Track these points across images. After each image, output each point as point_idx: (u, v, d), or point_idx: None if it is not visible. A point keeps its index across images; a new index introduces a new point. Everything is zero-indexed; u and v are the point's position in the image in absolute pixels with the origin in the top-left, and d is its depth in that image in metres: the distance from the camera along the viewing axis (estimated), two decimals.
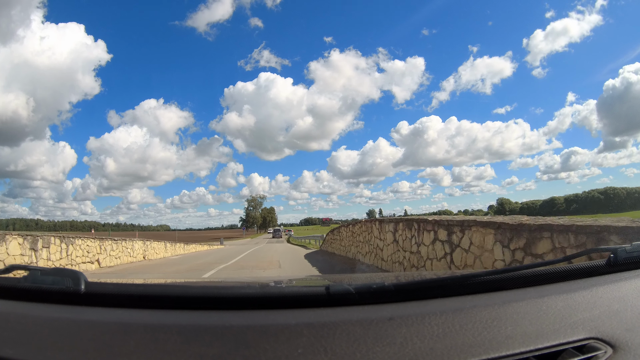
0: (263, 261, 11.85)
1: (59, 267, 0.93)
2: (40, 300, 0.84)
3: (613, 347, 0.63)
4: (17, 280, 0.89)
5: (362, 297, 0.76)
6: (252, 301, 0.79)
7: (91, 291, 0.82)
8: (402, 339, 0.62)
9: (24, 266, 0.94)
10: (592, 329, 0.66)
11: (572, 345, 0.63)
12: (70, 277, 0.83)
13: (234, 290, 0.92)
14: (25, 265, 0.95)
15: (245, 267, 10.20)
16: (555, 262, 0.92)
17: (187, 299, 0.81)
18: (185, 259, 15.17)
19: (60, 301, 0.82)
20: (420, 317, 0.68)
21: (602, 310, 0.72)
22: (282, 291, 0.91)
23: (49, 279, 0.85)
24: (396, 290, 0.79)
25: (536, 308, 0.72)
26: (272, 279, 3.07)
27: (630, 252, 0.91)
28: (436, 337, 0.62)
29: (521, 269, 0.87)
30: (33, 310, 0.80)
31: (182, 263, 12.80)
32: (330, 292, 0.76)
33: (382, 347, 0.60)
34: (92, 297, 0.82)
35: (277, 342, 0.62)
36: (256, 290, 0.91)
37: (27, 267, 0.92)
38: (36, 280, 0.86)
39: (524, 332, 0.64)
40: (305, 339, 0.62)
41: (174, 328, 0.68)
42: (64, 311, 0.79)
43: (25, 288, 0.86)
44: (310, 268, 9.69)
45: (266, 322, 0.69)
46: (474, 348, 0.60)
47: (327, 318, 0.69)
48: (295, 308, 0.76)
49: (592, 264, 0.92)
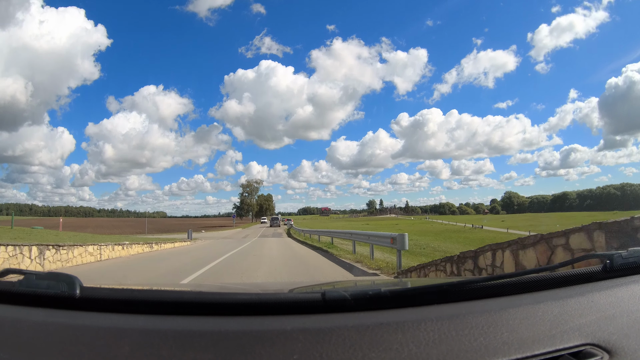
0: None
1: (55, 271, 0.89)
2: (35, 304, 0.83)
3: (609, 353, 0.63)
4: (11, 284, 0.88)
5: (358, 303, 0.76)
6: (248, 307, 0.79)
7: (86, 296, 0.81)
8: (398, 345, 0.62)
9: (18, 270, 0.94)
10: (588, 334, 0.67)
11: (568, 351, 0.63)
12: (65, 281, 0.83)
13: (230, 296, 0.92)
14: (20, 269, 0.95)
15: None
16: (551, 268, 0.92)
17: (182, 305, 0.81)
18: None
19: (55, 305, 0.82)
20: (416, 323, 0.68)
21: (598, 316, 0.73)
22: (278, 297, 0.90)
23: (44, 284, 0.84)
24: (392, 297, 0.79)
25: (532, 314, 0.72)
26: (269, 284, 3.18)
27: (626, 257, 0.91)
28: (432, 343, 0.63)
29: (517, 275, 0.87)
30: (28, 314, 0.80)
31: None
32: (326, 299, 0.76)
33: (377, 353, 0.60)
34: (87, 302, 0.81)
35: (273, 347, 0.62)
36: (252, 296, 0.90)
37: (22, 271, 0.91)
38: (31, 284, 0.86)
39: (520, 338, 0.65)
40: (301, 345, 0.62)
41: (170, 333, 0.68)
42: (59, 316, 0.79)
43: (20, 292, 0.85)
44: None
45: (262, 328, 0.69)
46: (470, 354, 0.60)
47: (323, 324, 0.69)
48: (291, 314, 0.76)
49: (589, 270, 0.91)
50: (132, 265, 10.03)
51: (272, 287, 1.47)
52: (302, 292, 1.11)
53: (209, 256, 11.84)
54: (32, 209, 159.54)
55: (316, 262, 10.30)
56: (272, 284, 4.23)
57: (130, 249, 13.31)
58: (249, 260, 10.61)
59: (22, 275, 0.89)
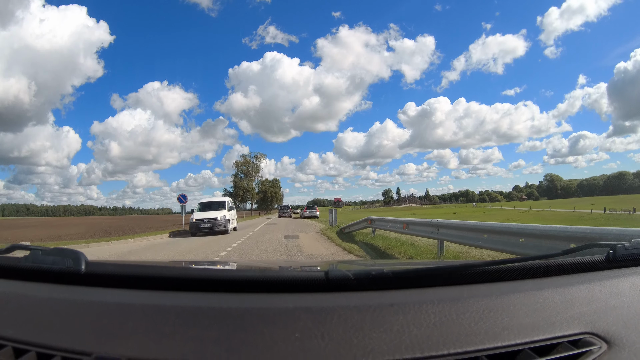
0: None
1: (60, 247, 0.91)
2: (40, 280, 0.84)
3: (608, 343, 0.63)
4: (17, 260, 0.89)
5: (360, 283, 0.76)
6: (251, 284, 0.79)
7: (91, 271, 0.82)
8: (399, 326, 0.62)
9: (25, 246, 0.94)
10: (587, 323, 0.67)
11: (567, 339, 0.64)
12: (71, 257, 0.83)
13: (233, 273, 0.91)
14: (26, 245, 0.96)
15: None
16: (554, 255, 0.91)
17: (186, 281, 0.81)
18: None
19: (61, 281, 0.83)
20: (418, 304, 0.68)
21: (598, 305, 0.73)
22: (281, 275, 0.90)
23: (50, 259, 0.85)
24: (395, 278, 0.79)
25: (533, 300, 0.72)
26: (273, 262, 3.05)
27: (629, 248, 0.90)
28: (433, 325, 0.63)
29: (520, 261, 0.87)
30: (33, 290, 0.81)
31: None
32: (329, 277, 0.76)
33: (378, 333, 0.60)
34: (92, 278, 0.82)
35: (275, 325, 0.62)
36: (255, 273, 0.89)
37: (28, 246, 0.92)
38: (37, 260, 0.86)
39: (520, 324, 0.65)
40: (302, 323, 0.62)
41: (172, 309, 0.68)
42: (64, 291, 0.80)
43: (25, 268, 0.86)
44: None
45: (264, 305, 0.69)
46: (470, 337, 0.61)
47: (325, 303, 0.69)
48: (294, 292, 0.76)
49: (591, 259, 0.90)
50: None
51: (275, 265, 1.47)
52: (305, 270, 1.11)
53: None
54: (29, 209, 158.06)
55: None
56: (276, 262, 4.17)
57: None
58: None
59: (28, 250, 0.90)
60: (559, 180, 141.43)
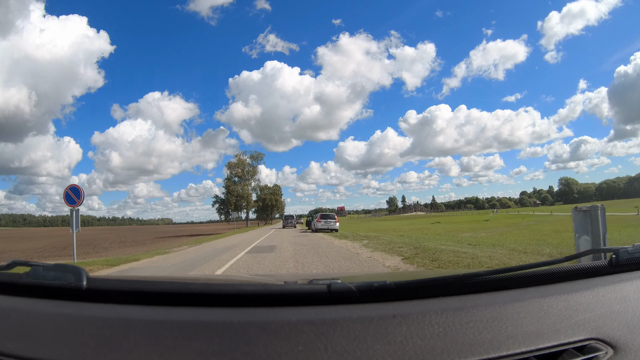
0: None
1: (61, 263, 0.91)
2: (41, 296, 0.84)
3: (614, 348, 0.63)
4: (18, 276, 0.89)
5: (363, 295, 0.76)
6: (254, 298, 0.79)
7: (93, 287, 0.82)
8: (403, 337, 0.62)
9: (25, 262, 0.94)
10: (593, 329, 0.66)
11: (572, 345, 0.63)
12: (72, 273, 0.83)
13: (236, 287, 0.92)
14: (27, 261, 0.95)
15: None
16: (556, 262, 0.91)
17: (188, 296, 0.81)
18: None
19: (62, 297, 0.83)
20: (421, 315, 0.68)
21: (603, 311, 0.72)
22: (283, 289, 0.90)
23: (51, 275, 0.85)
24: (398, 289, 0.79)
25: (537, 308, 0.72)
26: (274, 276, 3.04)
27: (632, 252, 0.90)
28: (437, 336, 0.63)
29: (523, 269, 0.87)
30: (35, 306, 0.81)
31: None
32: (332, 290, 0.76)
33: (382, 345, 0.60)
34: (94, 293, 0.82)
35: (278, 338, 0.62)
36: (257, 288, 0.90)
37: (29, 263, 0.91)
38: (38, 276, 0.86)
39: (524, 332, 0.65)
40: (305, 336, 0.62)
41: (175, 324, 0.69)
42: (65, 307, 0.79)
43: (27, 284, 0.86)
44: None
45: (267, 319, 0.69)
46: (475, 347, 0.60)
47: (328, 315, 0.69)
48: (296, 305, 0.76)
49: (594, 265, 0.90)
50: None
51: (279, 279, 1.50)
52: (308, 283, 1.12)
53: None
54: (26, 220, 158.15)
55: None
56: (279, 276, 4.13)
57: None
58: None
59: (29, 267, 0.89)
60: (575, 183, 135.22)
